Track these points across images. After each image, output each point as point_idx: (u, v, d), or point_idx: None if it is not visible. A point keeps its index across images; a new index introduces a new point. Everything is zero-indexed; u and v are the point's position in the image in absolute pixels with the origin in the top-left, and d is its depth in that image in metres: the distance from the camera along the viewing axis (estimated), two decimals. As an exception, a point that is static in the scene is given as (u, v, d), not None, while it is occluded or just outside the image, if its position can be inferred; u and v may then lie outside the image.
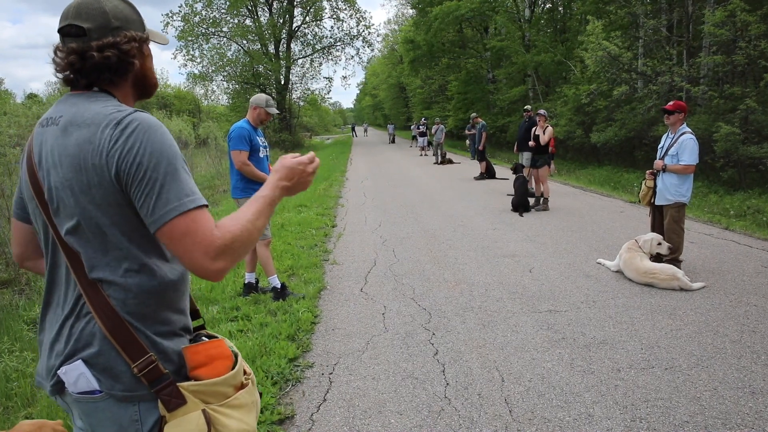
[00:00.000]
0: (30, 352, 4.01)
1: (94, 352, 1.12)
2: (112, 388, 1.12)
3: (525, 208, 8.39)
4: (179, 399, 1.12)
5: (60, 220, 1.15)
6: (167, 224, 1.06)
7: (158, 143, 1.10)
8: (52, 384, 1.16)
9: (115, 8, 1.20)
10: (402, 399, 2.92)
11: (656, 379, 3.03)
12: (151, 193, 1.07)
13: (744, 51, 10.82)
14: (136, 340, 1.12)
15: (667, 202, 5.00)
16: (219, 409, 1.17)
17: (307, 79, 34.83)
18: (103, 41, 1.16)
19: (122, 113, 1.12)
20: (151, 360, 1.12)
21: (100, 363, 1.12)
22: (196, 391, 1.15)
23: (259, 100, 4.33)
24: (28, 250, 1.37)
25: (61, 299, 1.19)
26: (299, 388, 3.09)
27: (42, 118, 1.23)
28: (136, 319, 1.14)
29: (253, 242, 1.16)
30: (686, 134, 4.90)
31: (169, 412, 1.12)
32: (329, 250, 6.35)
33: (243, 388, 1.24)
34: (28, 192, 1.21)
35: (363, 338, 3.76)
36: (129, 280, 1.13)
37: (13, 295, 6.35)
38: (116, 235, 1.13)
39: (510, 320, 3.98)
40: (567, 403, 2.82)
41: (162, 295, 1.18)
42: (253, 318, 4.12)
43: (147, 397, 1.13)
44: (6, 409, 3.29)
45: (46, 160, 1.15)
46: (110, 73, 1.19)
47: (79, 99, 1.18)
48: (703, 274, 4.90)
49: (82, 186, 1.10)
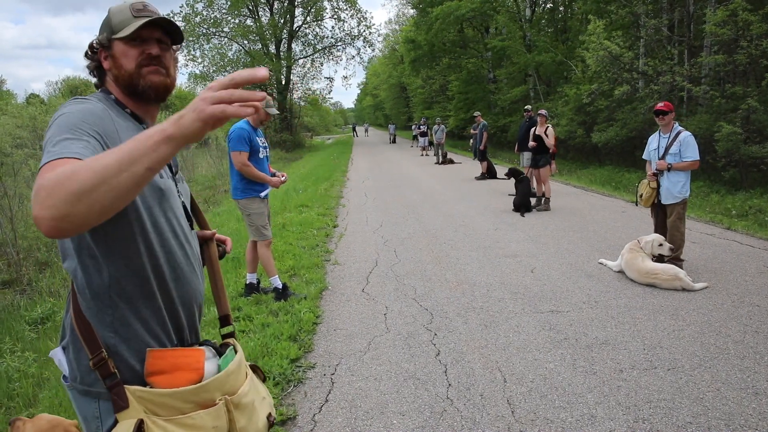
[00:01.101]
0: (32, 352, 4.02)
1: (67, 341, 1.19)
2: (75, 379, 1.17)
3: (527, 208, 8.38)
4: (122, 401, 1.09)
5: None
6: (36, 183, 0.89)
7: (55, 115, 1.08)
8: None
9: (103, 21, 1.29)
10: (404, 400, 2.92)
11: (659, 379, 3.03)
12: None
13: (745, 50, 10.80)
14: (93, 335, 1.13)
15: (675, 200, 5.03)
16: (163, 423, 1.08)
17: (308, 79, 34.86)
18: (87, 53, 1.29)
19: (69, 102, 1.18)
20: (102, 357, 1.12)
21: (70, 353, 1.18)
22: (142, 398, 1.09)
23: None
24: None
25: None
26: (301, 389, 3.09)
27: None
28: (93, 313, 1.14)
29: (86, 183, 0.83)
30: (684, 132, 4.96)
31: (115, 413, 1.09)
32: (331, 251, 6.35)
33: (207, 407, 1.14)
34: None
35: (365, 339, 3.76)
36: (92, 271, 1.13)
37: (15, 295, 6.36)
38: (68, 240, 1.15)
39: (512, 321, 3.97)
40: (569, 404, 2.82)
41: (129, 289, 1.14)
42: (255, 318, 4.12)
43: (104, 395, 1.13)
44: (8, 410, 3.29)
45: None
46: (98, 79, 1.30)
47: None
48: (705, 275, 4.89)
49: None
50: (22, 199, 9.41)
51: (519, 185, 8.57)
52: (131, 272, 1.15)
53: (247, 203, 4.33)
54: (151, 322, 1.18)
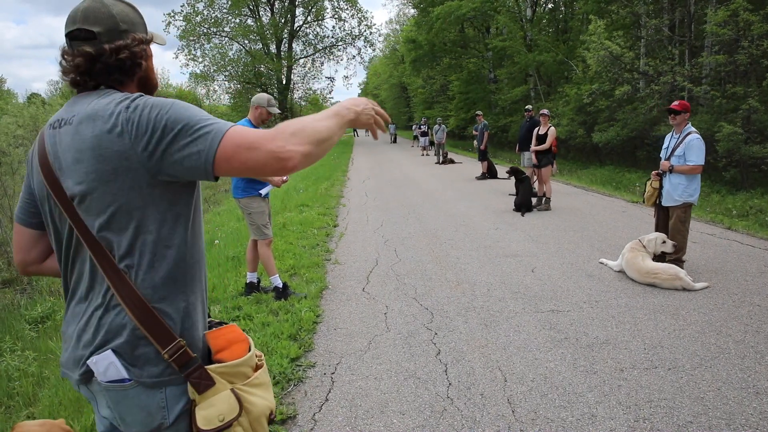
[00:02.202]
0: (31, 351, 4.02)
1: (124, 341, 1.16)
2: (141, 375, 1.16)
3: (527, 207, 8.37)
4: (208, 381, 1.17)
5: (90, 216, 1.15)
6: (219, 148, 1.08)
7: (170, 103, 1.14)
8: (81, 373, 1.19)
9: (122, 12, 1.23)
10: (404, 399, 2.92)
11: (659, 379, 3.02)
12: (186, 136, 1.09)
13: (746, 51, 10.79)
14: (164, 328, 1.16)
15: (675, 203, 4.94)
16: (243, 388, 1.22)
17: (308, 79, 34.94)
18: (116, 44, 1.20)
19: (131, 96, 1.16)
20: (180, 345, 1.16)
21: (129, 352, 1.15)
22: (223, 372, 1.20)
23: (260, 100, 4.33)
24: (31, 256, 1.37)
25: (88, 292, 1.21)
26: (301, 388, 3.09)
27: (51, 120, 1.25)
28: (165, 304, 1.17)
29: (323, 135, 1.16)
30: (692, 134, 4.84)
31: (199, 394, 1.16)
32: (331, 250, 6.34)
33: (259, 368, 1.30)
34: (42, 193, 1.23)
35: (365, 338, 3.75)
36: (158, 263, 1.17)
37: (15, 294, 6.37)
38: (148, 218, 1.15)
39: (512, 320, 3.97)
40: (570, 404, 2.81)
41: (187, 276, 1.22)
42: (255, 317, 4.11)
43: (174, 381, 1.17)
44: (8, 409, 3.29)
45: (65, 159, 1.17)
46: (120, 74, 1.23)
47: (89, 97, 1.21)
48: (705, 274, 4.88)
49: (109, 174, 1.12)
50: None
51: (520, 185, 8.56)
52: (199, 255, 1.26)
53: (248, 202, 4.33)
54: (202, 305, 1.28)
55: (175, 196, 1.18)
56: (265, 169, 1.11)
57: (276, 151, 1.08)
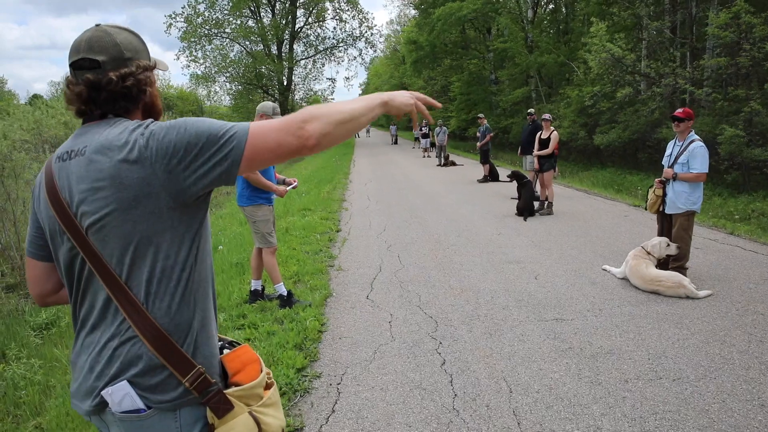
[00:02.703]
0: (37, 359, 4.03)
1: (140, 371, 1.16)
2: (157, 402, 1.16)
3: (530, 212, 8.38)
4: (227, 405, 1.19)
5: (106, 246, 1.15)
6: (246, 146, 1.12)
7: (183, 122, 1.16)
8: (95, 404, 1.18)
9: (125, 40, 1.24)
10: (410, 411, 2.93)
11: (664, 390, 3.03)
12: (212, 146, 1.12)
13: (748, 53, 10.81)
14: (182, 355, 1.17)
15: (678, 210, 4.93)
16: (259, 409, 1.24)
17: (309, 80, 34.95)
18: (121, 72, 1.20)
19: (144, 123, 1.18)
20: (200, 372, 1.17)
21: (145, 381, 1.16)
22: (240, 395, 1.22)
23: (265, 108, 4.34)
24: (48, 287, 1.37)
25: (100, 322, 1.20)
26: (308, 399, 3.10)
27: (59, 153, 1.23)
28: (181, 329, 1.18)
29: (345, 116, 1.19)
30: (696, 142, 4.83)
31: (219, 419, 1.18)
32: (334, 256, 6.36)
33: (270, 387, 1.31)
34: (54, 228, 1.21)
35: (370, 347, 3.77)
36: (173, 287, 1.17)
37: (19, 299, 6.37)
38: (165, 242, 1.15)
39: (516, 329, 3.98)
40: (575, 415, 2.83)
41: (199, 294, 1.23)
42: (260, 326, 4.13)
43: (190, 402, 1.18)
44: (15, 418, 3.30)
45: (79, 191, 1.15)
46: (125, 102, 1.23)
47: (99, 127, 1.20)
48: (709, 282, 4.89)
49: (129, 202, 1.12)
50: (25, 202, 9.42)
51: (522, 189, 8.57)
52: (208, 270, 1.27)
53: (253, 210, 4.35)
54: (215, 321, 1.30)
55: (191, 217, 1.19)
56: (288, 151, 1.14)
57: (296, 132, 1.12)
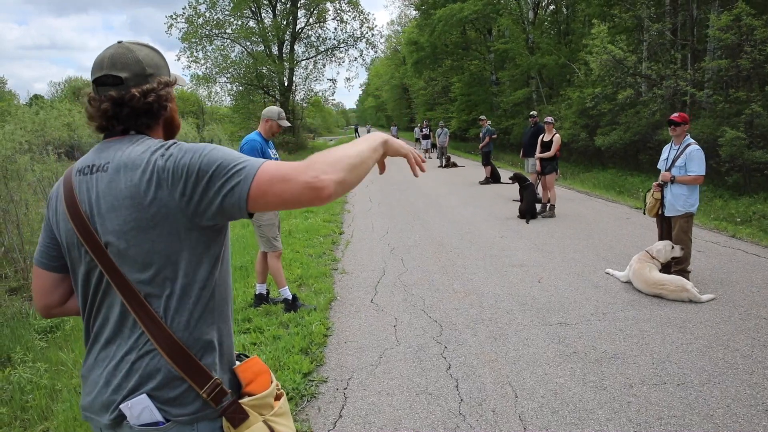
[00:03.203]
0: (43, 362, 4.04)
1: (159, 384, 1.17)
2: (176, 415, 1.18)
3: (532, 215, 8.40)
4: (242, 414, 1.22)
5: (125, 262, 1.16)
6: (253, 183, 1.10)
7: (202, 147, 1.18)
8: (112, 418, 1.19)
9: (147, 56, 1.26)
10: (417, 416, 2.95)
11: (669, 395, 3.05)
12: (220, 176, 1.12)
13: (749, 55, 10.82)
14: (200, 367, 1.19)
15: (677, 212, 5.01)
16: (271, 418, 1.27)
17: (310, 80, 34.91)
18: (143, 88, 1.22)
19: (166, 144, 1.20)
20: (217, 384, 1.20)
21: (164, 394, 1.17)
22: (254, 405, 1.25)
23: (271, 113, 4.36)
24: (53, 299, 1.38)
25: (116, 336, 1.21)
26: (315, 404, 3.12)
27: (80, 166, 1.25)
28: (199, 344, 1.20)
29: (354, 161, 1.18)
30: (692, 145, 4.95)
31: (234, 428, 1.21)
32: (338, 259, 6.38)
33: (279, 397, 1.34)
34: (72, 240, 1.23)
35: (376, 351, 3.79)
36: (193, 304, 1.19)
37: (23, 302, 6.39)
38: (184, 261, 1.17)
39: (521, 333, 4.00)
40: (581, 420, 2.85)
41: (216, 312, 1.25)
42: (266, 330, 4.15)
43: (208, 416, 1.20)
44: (23, 422, 3.31)
45: (99, 207, 1.17)
46: (147, 118, 1.25)
47: (122, 144, 1.22)
48: (711, 285, 4.91)
49: (147, 222, 1.14)
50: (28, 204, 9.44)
51: (524, 191, 8.59)
52: (228, 290, 1.30)
53: (259, 215, 4.36)
54: (231, 337, 1.33)
55: (210, 239, 1.20)
56: (301, 200, 1.12)
57: (310, 181, 1.09)
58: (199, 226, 1.16)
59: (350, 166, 1.16)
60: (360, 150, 1.22)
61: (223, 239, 1.25)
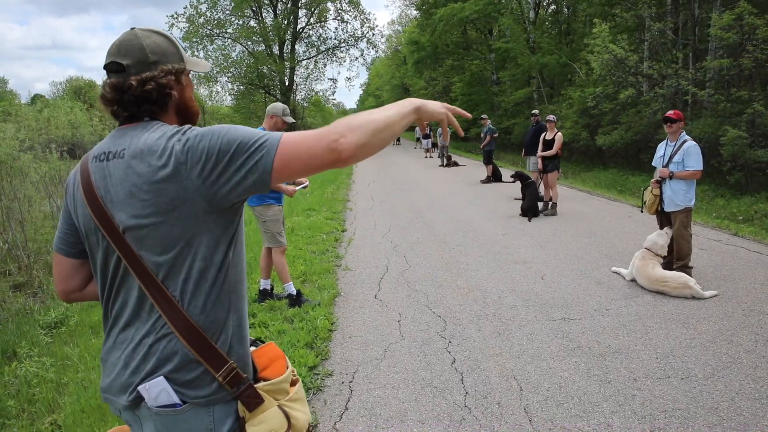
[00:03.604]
0: (48, 357, 4.07)
1: (175, 367, 1.18)
2: (192, 397, 1.19)
3: (534, 213, 8.42)
4: (258, 399, 1.23)
5: (143, 246, 1.18)
6: (276, 154, 1.12)
7: (219, 128, 1.18)
8: (130, 399, 1.21)
9: (153, 43, 1.26)
10: (423, 408, 2.97)
11: (673, 389, 3.07)
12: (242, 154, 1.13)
13: (751, 54, 10.84)
14: (216, 351, 1.20)
15: (677, 208, 5.07)
16: (287, 403, 1.28)
17: (311, 80, 35.05)
18: (141, 76, 1.22)
19: (182, 129, 1.21)
20: (232, 367, 1.21)
21: (181, 376, 1.19)
22: (269, 390, 1.26)
23: (276, 109, 4.37)
24: (73, 284, 1.39)
25: (134, 320, 1.23)
26: (320, 397, 3.14)
27: (96, 152, 1.27)
28: (215, 327, 1.21)
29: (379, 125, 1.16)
30: (689, 141, 5.03)
31: (249, 411, 1.22)
32: (341, 256, 6.40)
33: (295, 383, 1.35)
34: (89, 226, 1.24)
35: (380, 346, 3.81)
36: (209, 287, 1.20)
37: (27, 298, 6.41)
38: (202, 244, 1.18)
39: (525, 328, 4.02)
40: (586, 413, 2.86)
41: (233, 295, 1.25)
42: (271, 325, 4.17)
43: (222, 399, 1.21)
44: (30, 415, 3.33)
45: (116, 193, 1.19)
46: (149, 105, 1.25)
47: (137, 130, 1.23)
48: (714, 282, 4.93)
49: (166, 206, 1.15)
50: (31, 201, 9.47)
51: (526, 190, 8.61)
52: (242, 273, 1.30)
53: (263, 210, 4.38)
54: (247, 323, 1.33)
55: (227, 221, 1.21)
56: (323, 163, 1.13)
57: (330, 144, 1.11)
58: (218, 208, 1.17)
59: (373, 131, 1.15)
60: (387, 115, 1.20)
61: (238, 220, 1.26)
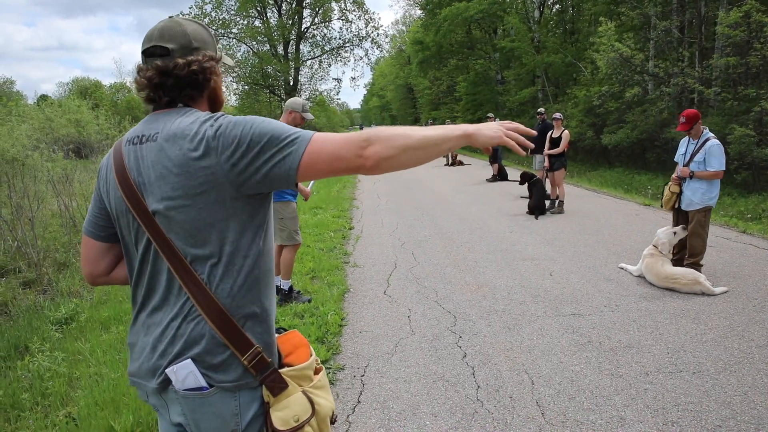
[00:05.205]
0: (60, 352, 4.10)
1: (203, 350, 1.20)
2: (219, 381, 1.20)
3: (541, 210, 8.41)
4: (282, 384, 1.25)
5: (172, 229, 1.20)
6: (305, 152, 1.14)
7: (252, 119, 1.20)
8: (159, 382, 1.22)
9: (195, 31, 1.30)
10: (435, 401, 2.98)
11: (685, 383, 3.07)
12: (272, 146, 1.15)
13: (759, 52, 10.80)
14: (243, 335, 1.21)
15: (694, 207, 4.97)
16: (311, 390, 1.29)
17: (315, 80, 35.00)
18: (187, 59, 1.25)
19: (215, 115, 1.23)
20: (258, 351, 1.22)
21: (208, 360, 1.20)
22: (293, 375, 1.28)
23: (295, 104, 4.26)
24: (100, 267, 1.41)
25: (163, 303, 1.25)
26: (333, 390, 3.15)
27: (130, 136, 1.29)
28: (243, 312, 1.22)
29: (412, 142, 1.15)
30: (711, 140, 4.89)
31: (274, 396, 1.23)
32: (349, 253, 6.41)
33: (319, 371, 1.36)
34: (121, 208, 1.26)
35: (391, 341, 3.82)
36: (237, 273, 1.21)
37: (37, 295, 6.46)
38: (229, 229, 1.20)
39: (535, 323, 4.03)
40: (598, 406, 2.87)
41: (261, 283, 1.27)
42: (281, 320, 4.18)
43: (249, 385, 1.23)
44: (44, 408, 3.36)
45: (149, 175, 1.21)
46: (191, 89, 1.27)
47: (170, 115, 1.25)
48: (724, 279, 4.92)
49: (195, 189, 1.16)
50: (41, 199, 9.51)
51: (533, 188, 8.60)
52: (271, 263, 1.31)
53: (283, 207, 4.34)
54: (274, 310, 1.34)
55: (254, 209, 1.23)
56: (348, 168, 1.15)
57: (357, 151, 1.13)
58: (245, 195, 1.19)
59: (403, 146, 1.14)
60: (425, 135, 1.17)
61: (266, 211, 1.27)
